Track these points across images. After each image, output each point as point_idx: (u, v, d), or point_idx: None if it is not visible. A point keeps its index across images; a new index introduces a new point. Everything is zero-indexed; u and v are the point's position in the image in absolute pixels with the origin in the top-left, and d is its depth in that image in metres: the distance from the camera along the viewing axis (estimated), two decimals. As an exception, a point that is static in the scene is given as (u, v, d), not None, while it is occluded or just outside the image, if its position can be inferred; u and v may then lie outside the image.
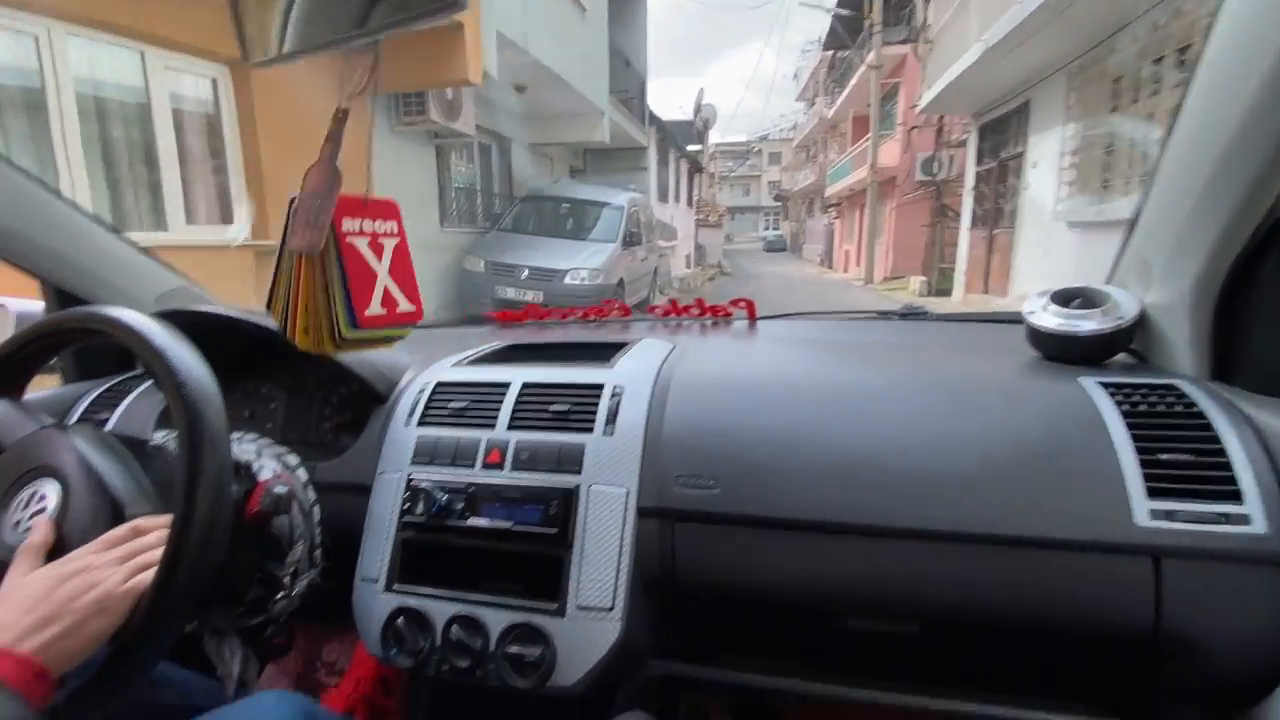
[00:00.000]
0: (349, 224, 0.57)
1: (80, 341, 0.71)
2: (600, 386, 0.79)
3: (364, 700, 1.17)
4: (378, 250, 0.59)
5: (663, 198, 15.54)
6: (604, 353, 0.89)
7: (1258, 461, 0.59)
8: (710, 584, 0.71)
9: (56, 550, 0.58)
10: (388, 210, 0.60)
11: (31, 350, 0.68)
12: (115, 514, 0.61)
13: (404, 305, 0.61)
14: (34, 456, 0.65)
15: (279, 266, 0.57)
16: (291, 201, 0.55)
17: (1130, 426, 0.63)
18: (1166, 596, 0.58)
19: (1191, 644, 0.59)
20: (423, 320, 0.68)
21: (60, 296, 0.99)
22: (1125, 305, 0.76)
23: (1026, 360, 0.81)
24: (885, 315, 1.17)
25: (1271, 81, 0.56)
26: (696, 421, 0.75)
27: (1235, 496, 0.58)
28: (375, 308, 0.59)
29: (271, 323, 0.85)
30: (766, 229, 44.51)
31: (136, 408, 0.98)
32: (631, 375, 0.81)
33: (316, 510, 0.79)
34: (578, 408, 0.78)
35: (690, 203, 21.06)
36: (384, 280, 0.59)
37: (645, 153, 13.40)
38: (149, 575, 0.56)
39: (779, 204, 40.71)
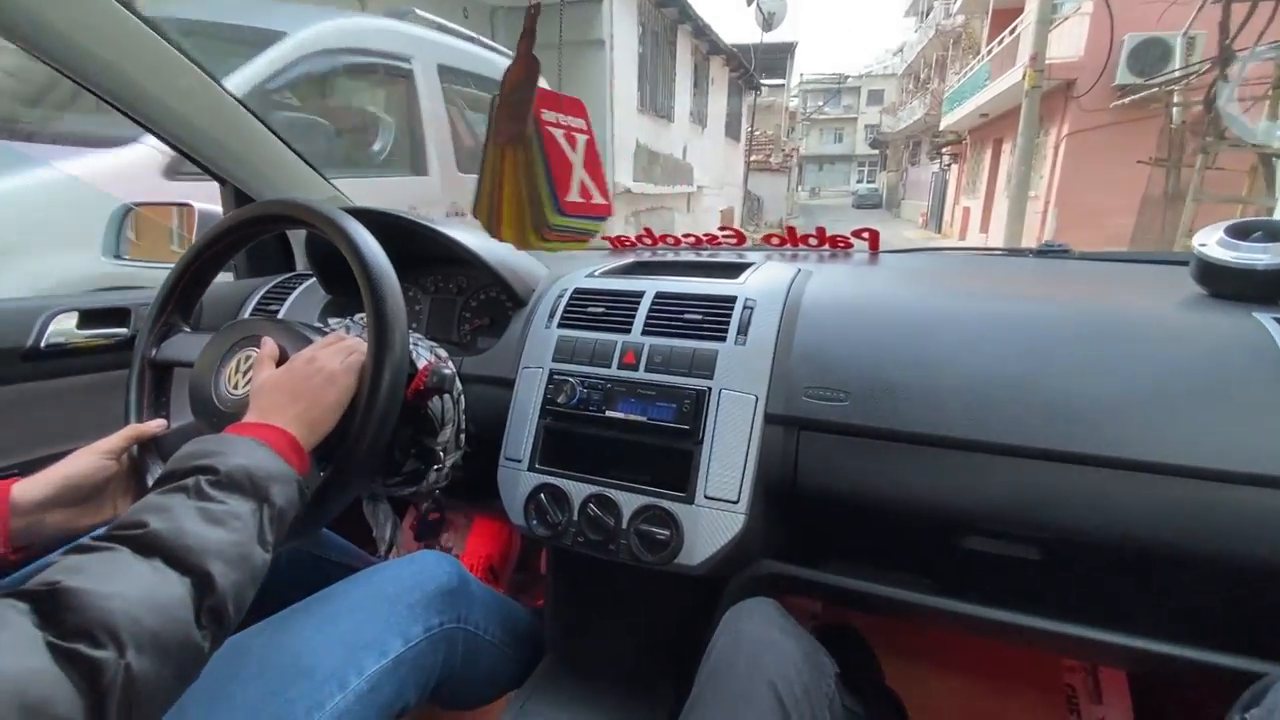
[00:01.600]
0: (547, 115, 0.60)
1: (279, 229, 0.81)
2: (733, 299, 0.82)
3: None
4: (572, 143, 0.63)
5: (659, 111, 9.52)
6: (730, 271, 0.91)
7: None
8: (830, 492, 0.74)
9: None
10: (577, 108, 0.63)
11: (242, 232, 0.78)
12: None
13: (597, 198, 0.65)
14: (239, 330, 0.76)
15: (483, 167, 0.62)
16: (492, 101, 0.60)
17: None
18: None
19: None
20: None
21: (239, 197, 1.11)
22: (1316, 240, 0.70)
23: (1189, 296, 0.76)
24: (1018, 252, 1.12)
25: None
26: (828, 337, 0.77)
27: None
28: (574, 195, 0.63)
29: (430, 221, 0.92)
30: (860, 181, 37.93)
31: (300, 303, 1.10)
32: (762, 290, 0.83)
33: (463, 399, 0.87)
34: (710, 317, 0.81)
35: (736, 134, 15.13)
36: (579, 172, 0.63)
37: (599, 11, 7.21)
38: (360, 355, 0.68)
39: (877, 151, 33.74)
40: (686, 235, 1.30)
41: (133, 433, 0.72)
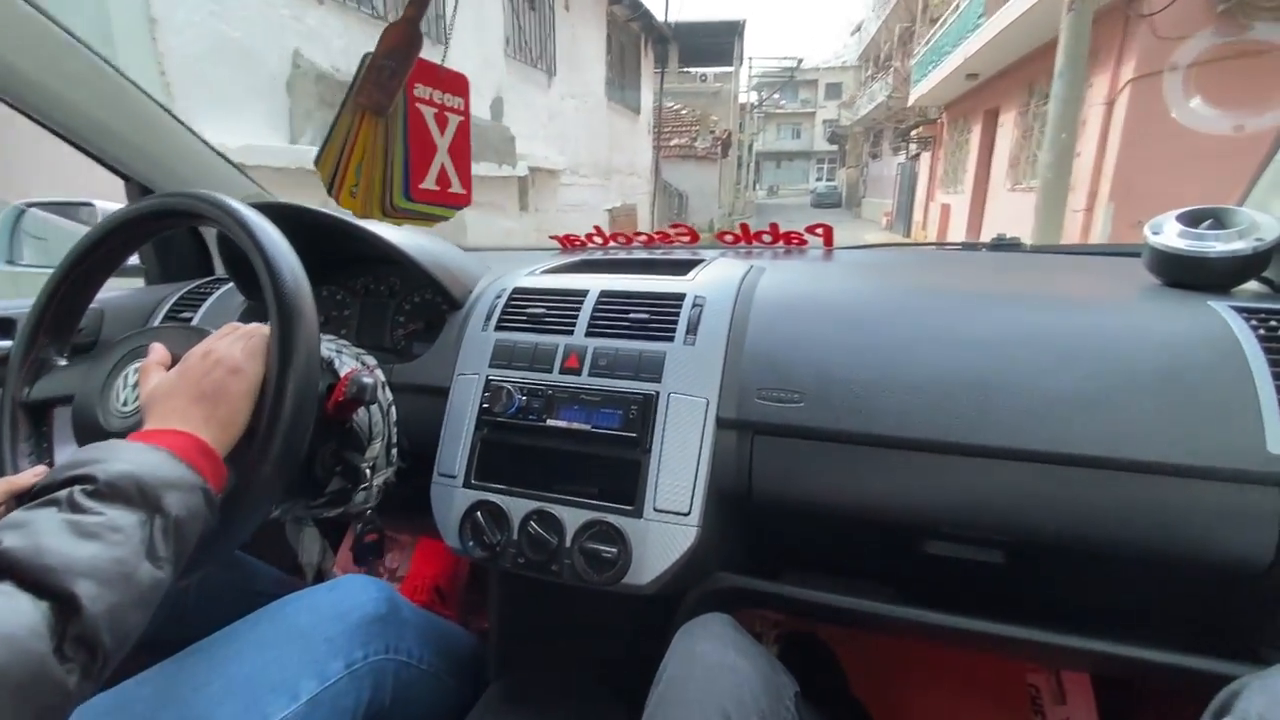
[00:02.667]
0: (420, 90, 0.55)
1: (181, 225, 0.72)
2: (681, 296, 0.77)
3: (421, 606, 1.24)
4: (441, 124, 0.58)
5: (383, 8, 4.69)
6: (680, 268, 0.87)
7: None
8: (786, 499, 0.70)
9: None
10: (458, 84, 0.58)
11: (138, 228, 0.70)
12: None
13: (456, 186, 0.60)
14: (121, 346, 0.68)
15: (337, 121, 0.57)
16: (364, 58, 0.54)
17: (1268, 351, 0.58)
18: None
19: None
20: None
21: (144, 194, 1.01)
22: (1265, 226, 0.69)
23: (1145, 286, 0.75)
24: (972, 246, 1.11)
25: None
26: (781, 336, 0.73)
27: None
28: (430, 182, 0.59)
29: (353, 218, 0.85)
30: (819, 179, 36.65)
31: (218, 308, 1.01)
32: (712, 287, 0.79)
33: (394, 410, 0.80)
34: (657, 317, 0.76)
35: (635, 105, 10.93)
36: (442, 156, 0.58)
37: None
38: (263, 337, 0.60)
39: (836, 147, 31.77)
40: (637, 233, 1.25)
41: (5, 488, 0.62)
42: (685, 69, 17.10)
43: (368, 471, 0.76)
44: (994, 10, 7.22)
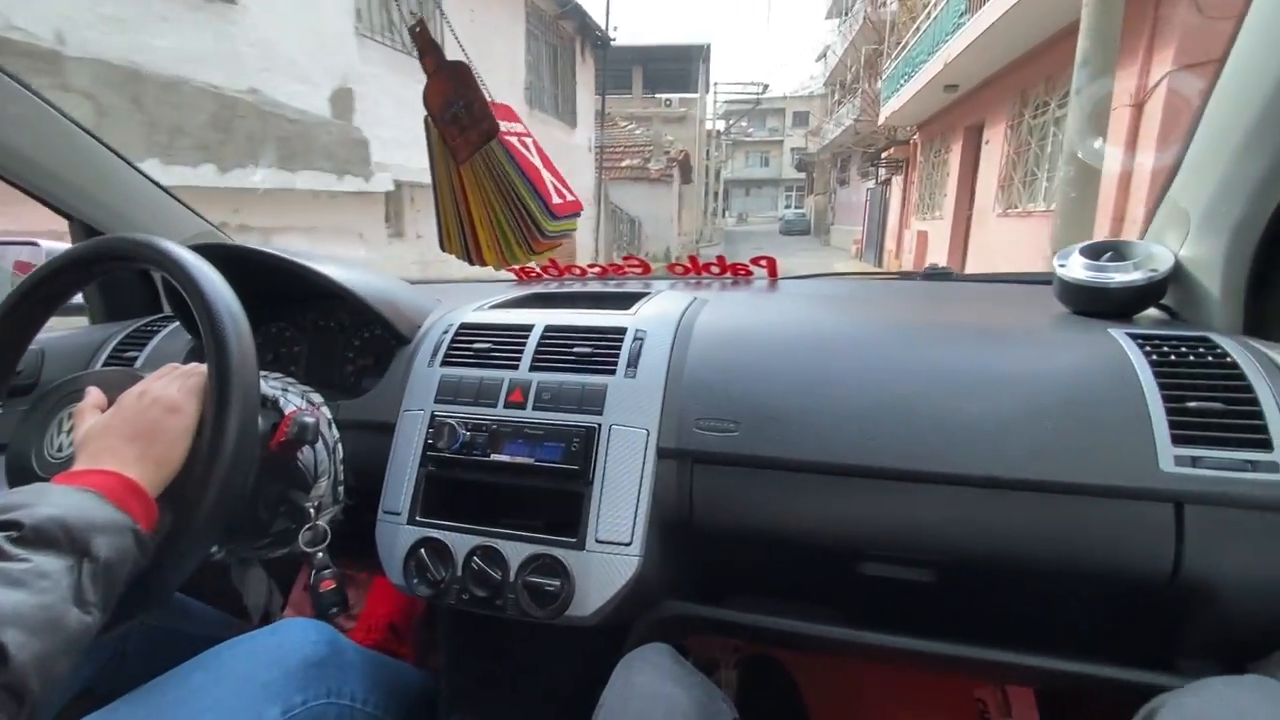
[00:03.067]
0: (500, 123, 0.57)
1: (118, 269, 0.72)
2: (623, 330, 0.79)
3: (375, 645, 1.21)
4: (525, 147, 0.60)
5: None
6: (625, 301, 0.89)
7: None
8: (726, 525, 0.72)
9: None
10: (510, 113, 0.61)
11: (72, 274, 0.69)
12: None
13: (569, 195, 0.63)
14: (56, 391, 0.68)
15: (438, 202, 0.58)
16: (426, 121, 0.55)
17: (1159, 375, 0.63)
18: (1188, 543, 0.58)
19: (1209, 592, 0.59)
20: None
21: (89, 234, 1.01)
22: (1159, 258, 0.75)
23: (1055, 314, 0.80)
24: (908, 275, 1.16)
25: None
26: (718, 366, 0.75)
27: (1264, 444, 0.57)
28: (555, 198, 0.60)
29: (294, 255, 0.86)
30: (788, 206, 37.38)
31: (164, 348, 1.00)
32: (653, 321, 0.81)
33: (340, 447, 0.80)
34: (600, 350, 0.78)
35: (570, 117, 9.50)
36: (546, 174, 0.60)
37: None
38: (201, 376, 0.62)
39: (804, 175, 31.83)
40: (591, 265, 1.28)
41: None
42: (651, 94, 17.26)
43: (312, 511, 0.75)
44: (978, 5, 6.14)
